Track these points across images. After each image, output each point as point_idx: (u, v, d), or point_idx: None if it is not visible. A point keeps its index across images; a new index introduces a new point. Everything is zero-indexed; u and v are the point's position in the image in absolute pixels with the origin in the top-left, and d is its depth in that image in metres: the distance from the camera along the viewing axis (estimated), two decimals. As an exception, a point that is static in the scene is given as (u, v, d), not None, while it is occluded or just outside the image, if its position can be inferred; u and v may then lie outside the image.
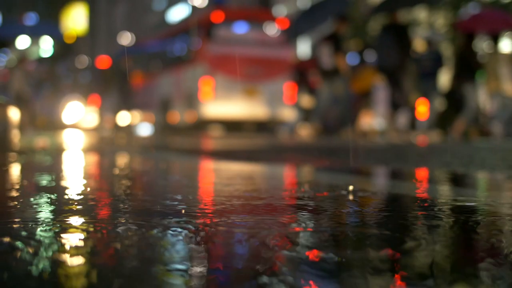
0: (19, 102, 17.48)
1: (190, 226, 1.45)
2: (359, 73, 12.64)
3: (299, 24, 14.46)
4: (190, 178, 3.12)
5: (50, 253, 1.15)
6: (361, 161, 4.52)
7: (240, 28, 16.86)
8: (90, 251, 1.19)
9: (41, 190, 2.33)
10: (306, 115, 15.51)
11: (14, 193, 2.22)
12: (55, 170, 3.58)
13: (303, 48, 29.63)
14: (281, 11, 26.66)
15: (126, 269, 1.04)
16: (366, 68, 12.94)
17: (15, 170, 3.43)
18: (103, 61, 26.74)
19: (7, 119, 3.80)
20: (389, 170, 3.79)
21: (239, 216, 1.64)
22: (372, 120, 13.48)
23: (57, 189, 2.32)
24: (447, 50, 16.17)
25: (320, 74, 11.99)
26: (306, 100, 15.54)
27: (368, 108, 13.47)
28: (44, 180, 2.75)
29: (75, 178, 2.92)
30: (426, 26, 19.56)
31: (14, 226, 1.45)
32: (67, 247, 1.21)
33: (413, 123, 10.84)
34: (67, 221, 1.54)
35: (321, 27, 13.97)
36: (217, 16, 16.60)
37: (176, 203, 1.88)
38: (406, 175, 3.50)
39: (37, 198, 2.00)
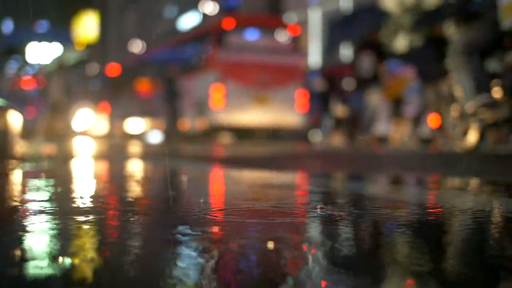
0: (55, 110, 17.39)
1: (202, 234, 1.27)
2: (390, 81, 12.64)
3: (334, 35, 14.46)
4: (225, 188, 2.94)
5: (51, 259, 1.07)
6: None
7: (251, 35, 16.73)
8: (94, 260, 1.08)
9: (35, 198, 2.15)
10: (338, 124, 15.18)
11: (5, 202, 2.05)
12: (57, 177, 3.40)
13: (314, 56, 29.48)
14: (291, 18, 26.54)
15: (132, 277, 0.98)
16: (396, 76, 12.93)
17: (13, 178, 3.25)
18: (113, 69, 26.71)
19: (7, 124, 3.61)
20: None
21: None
22: (403, 128, 13.38)
23: (57, 197, 2.15)
24: None
25: (357, 82, 12.01)
26: (340, 110, 15.17)
27: (399, 116, 13.41)
28: (43, 188, 2.57)
29: (79, 185, 2.74)
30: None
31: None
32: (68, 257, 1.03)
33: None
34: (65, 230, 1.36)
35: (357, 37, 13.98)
36: (228, 23, 16.48)
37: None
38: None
39: (30, 208, 1.82)
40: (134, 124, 21.82)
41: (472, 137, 6.48)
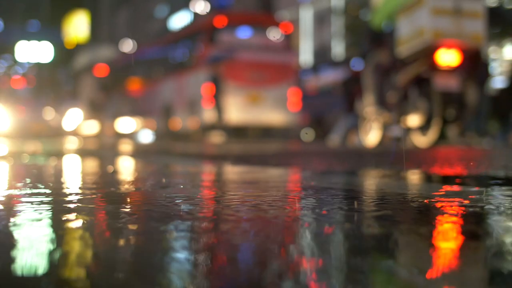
0: (94, 109, 17.09)
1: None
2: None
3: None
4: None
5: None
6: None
7: (243, 33, 16.57)
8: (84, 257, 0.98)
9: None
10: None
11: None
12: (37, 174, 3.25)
13: (307, 54, 29.42)
14: (283, 16, 26.43)
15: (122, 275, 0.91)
16: None
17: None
18: (102, 69, 26.44)
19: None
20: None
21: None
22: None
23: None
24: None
25: None
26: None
27: None
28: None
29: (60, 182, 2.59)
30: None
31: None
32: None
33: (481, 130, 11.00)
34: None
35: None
36: (220, 21, 16.31)
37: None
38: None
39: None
40: (125, 124, 21.64)
41: (374, 136, 8.59)
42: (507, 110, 12.01)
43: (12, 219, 1.42)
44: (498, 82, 13.40)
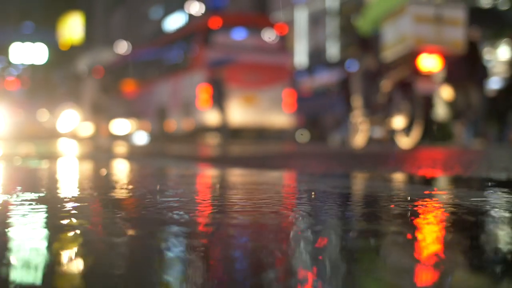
0: (96, 112, 16.97)
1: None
2: None
3: None
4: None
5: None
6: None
7: (238, 34, 16.55)
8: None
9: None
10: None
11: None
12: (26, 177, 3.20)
13: (302, 55, 29.42)
14: (278, 17, 26.41)
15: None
16: None
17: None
18: (99, 70, 26.38)
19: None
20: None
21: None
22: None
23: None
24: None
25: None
26: None
27: None
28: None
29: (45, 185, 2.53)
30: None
31: None
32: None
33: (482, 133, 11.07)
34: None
35: None
36: (215, 22, 16.27)
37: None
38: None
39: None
40: (120, 125, 21.57)
41: (361, 138, 9.04)
42: (505, 110, 12.07)
43: (2, 224, 1.37)
44: (495, 83, 13.44)
